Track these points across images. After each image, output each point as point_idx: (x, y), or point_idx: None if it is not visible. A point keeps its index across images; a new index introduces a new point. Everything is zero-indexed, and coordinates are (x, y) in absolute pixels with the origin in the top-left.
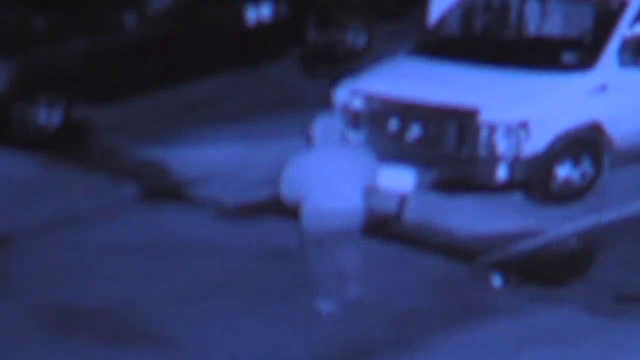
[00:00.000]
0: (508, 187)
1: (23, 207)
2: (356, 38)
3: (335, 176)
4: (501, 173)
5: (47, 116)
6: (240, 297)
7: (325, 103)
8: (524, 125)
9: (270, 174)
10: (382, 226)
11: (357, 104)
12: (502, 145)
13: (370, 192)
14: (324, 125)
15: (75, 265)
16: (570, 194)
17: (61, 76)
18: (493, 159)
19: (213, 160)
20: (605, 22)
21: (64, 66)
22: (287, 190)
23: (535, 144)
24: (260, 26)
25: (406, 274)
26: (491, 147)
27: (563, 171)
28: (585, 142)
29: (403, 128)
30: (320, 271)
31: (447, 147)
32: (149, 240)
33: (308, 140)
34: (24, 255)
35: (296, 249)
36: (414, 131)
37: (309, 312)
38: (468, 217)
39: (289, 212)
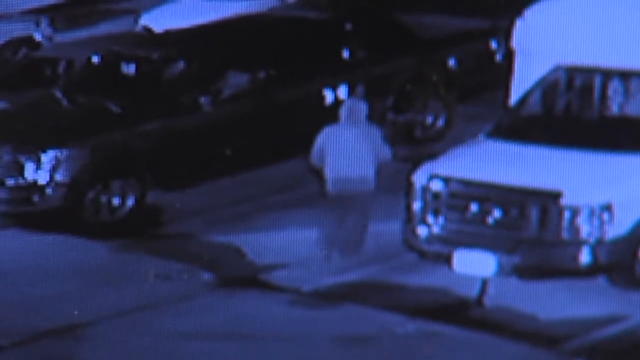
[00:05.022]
0: (592, 271)
1: (96, 293)
2: (435, 119)
3: (353, 148)
4: (584, 257)
5: (121, 201)
6: None
7: (403, 185)
8: (607, 208)
9: (347, 260)
10: (463, 310)
11: (437, 186)
12: (585, 228)
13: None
14: (349, 105)
15: (150, 352)
16: None
17: (135, 161)
18: (576, 243)
19: (289, 245)
20: None
21: (138, 151)
22: (314, 157)
23: (619, 226)
24: (338, 106)
25: (487, 359)
26: (574, 231)
27: None
28: None
29: (483, 211)
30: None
31: (528, 230)
32: (225, 326)
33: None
34: (98, 342)
35: (375, 334)
36: (495, 214)
37: None
38: (551, 302)
39: (366, 298)
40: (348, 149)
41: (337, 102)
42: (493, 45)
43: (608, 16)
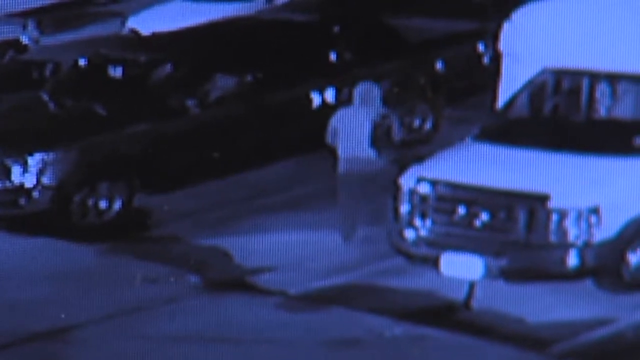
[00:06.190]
0: (579, 274)
1: (83, 296)
2: (423, 122)
3: (364, 130)
4: (572, 260)
5: (108, 204)
6: None
7: (390, 188)
8: (595, 211)
9: (334, 263)
10: (450, 313)
11: (424, 189)
12: (572, 231)
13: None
14: (363, 89)
15: (138, 355)
16: None
17: (122, 164)
18: (563, 246)
19: (276, 248)
20: None
21: (125, 154)
22: (329, 137)
23: (607, 229)
24: (325, 109)
25: None
26: (562, 234)
27: (635, 257)
28: None
29: (471, 214)
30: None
31: (516, 233)
32: (212, 330)
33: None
34: (85, 345)
35: (362, 337)
36: (482, 217)
37: None
38: (538, 305)
39: (353, 301)
40: (359, 130)
41: (325, 105)
42: (480, 48)
43: (595, 19)
